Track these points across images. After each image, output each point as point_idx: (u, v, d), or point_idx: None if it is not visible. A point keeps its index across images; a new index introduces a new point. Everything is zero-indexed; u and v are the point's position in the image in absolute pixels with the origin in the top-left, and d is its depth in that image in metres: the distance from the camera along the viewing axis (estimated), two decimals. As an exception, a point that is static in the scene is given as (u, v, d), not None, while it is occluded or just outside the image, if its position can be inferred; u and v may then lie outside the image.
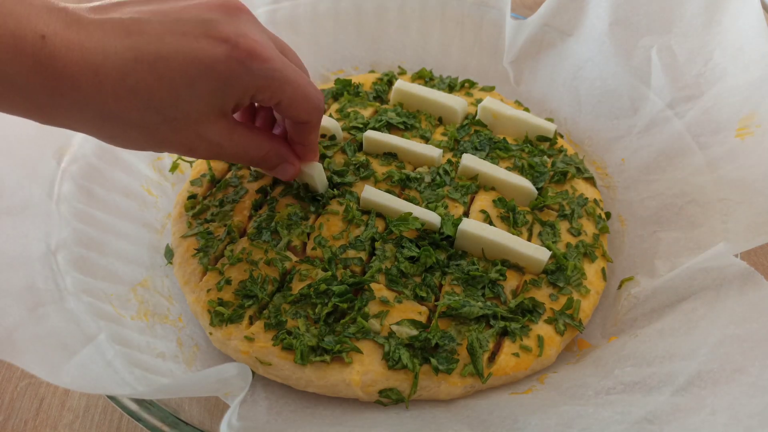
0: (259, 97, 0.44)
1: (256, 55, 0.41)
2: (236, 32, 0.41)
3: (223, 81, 0.41)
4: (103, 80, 0.37)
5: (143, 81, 0.38)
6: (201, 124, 0.42)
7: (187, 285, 0.52)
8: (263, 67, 0.42)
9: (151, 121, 0.40)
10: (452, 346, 0.47)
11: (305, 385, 0.47)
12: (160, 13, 0.39)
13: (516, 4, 0.97)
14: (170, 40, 0.38)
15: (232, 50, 0.40)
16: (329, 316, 0.48)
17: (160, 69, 0.38)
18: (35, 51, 0.35)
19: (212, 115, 0.43)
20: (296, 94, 0.45)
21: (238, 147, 0.46)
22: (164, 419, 0.41)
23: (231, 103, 0.43)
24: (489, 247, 0.53)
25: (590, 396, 0.44)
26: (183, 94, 0.40)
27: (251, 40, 0.41)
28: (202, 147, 0.44)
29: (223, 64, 0.40)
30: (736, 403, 0.38)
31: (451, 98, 0.66)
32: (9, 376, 0.53)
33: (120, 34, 0.37)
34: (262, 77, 0.42)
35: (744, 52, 0.56)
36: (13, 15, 0.34)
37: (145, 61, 0.38)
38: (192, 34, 0.39)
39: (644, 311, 0.51)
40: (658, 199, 0.59)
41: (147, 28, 0.38)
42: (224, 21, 0.41)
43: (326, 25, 0.77)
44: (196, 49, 0.39)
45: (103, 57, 0.36)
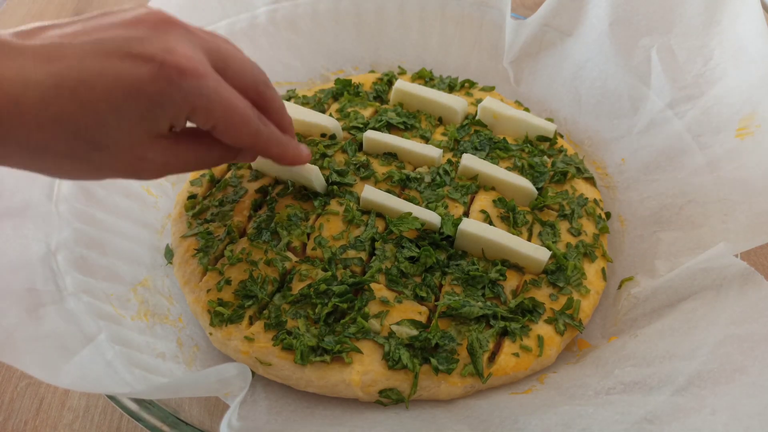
0: (193, 119, 0.41)
1: (186, 72, 0.38)
2: (163, 48, 0.37)
3: (152, 103, 0.37)
4: (24, 111, 0.34)
5: (66, 109, 0.35)
6: (137, 148, 0.39)
7: (187, 285, 0.52)
8: (194, 84, 0.38)
9: (80, 151, 0.37)
10: (452, 346, 0.47)
11: (305, 385, 0.47)
12: (82, 34, 0.37)
13: (516, 4, 0.97)
14: (91, 63, 0.36)
15: (159, 69, 0.37)
16: (329, 316, 0.48)
17: (83, 95, 0.35)
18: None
19: (147, 138, 0.39)
20: (232, 118, 0.41)
21: (188, 160, 0.43)
22: (164, 419, 0.41)
23: (165, 125, 0.39)
24: (489, 247, 0.53)
25: (590, 396, 0.44)
26: (109, 119, 0.37)
27: (180, 56, 0.38)
28: (145, 169, 0.41)
29: (149, 85, 0.37)
30: (737, 403, 0.38)
31: (451, 98, 0.66)
32: (9, 376, 0.53)
33: (41, 60, 0.35)
34: (195, 95, 0.38)
35: (744, 52, 0.56)
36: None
37: (66, 88, 0.35)
38: (115, 54, 0.36)
39: (644, 311, 0.51)
40: (658, 199, 0.59)
41: (68, 52, 0.36)
42: (150, 37, 0.38)
43: (326, 25, 0.77)
44: (119, 70, 0.36)
45: (23, 87, 0.34)
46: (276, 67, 0.75)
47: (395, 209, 0.54)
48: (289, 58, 0.76)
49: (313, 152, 0.61)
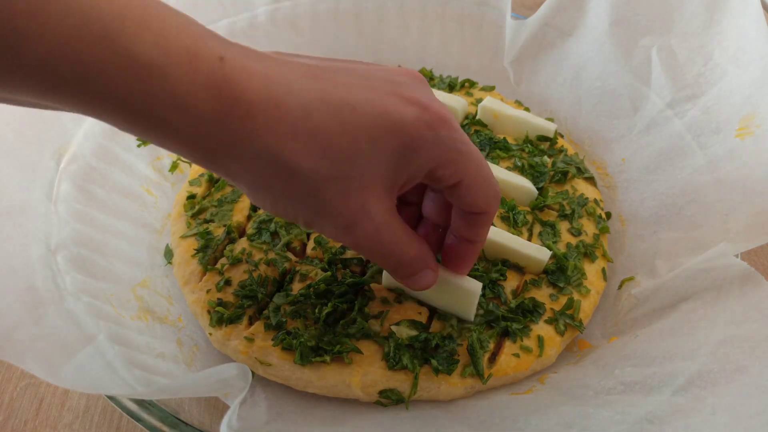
0: (438, 173, 0.38)
1: (447, 122, 0.37)
2: (426, 97, 0.37)
3: (408, 144, 0.36)
4: (283, 115, 0.32)
5: (325, 125, 0.33)
6: (368, 193, 0.36)
7: (186, 285, 0.52)
8: (452, 136, 0.37)
9: (321, 173, 0.34)
10: (452, 347, 0.47)
11: (305, 385, 0.47)
12: (347, 68, 0.37)
13: (516, 4, 0.96)
14: (358, 91, 0.35)
15: (422, 112, 0.36)
16: (329, 316, 0.48)
17: (346, 115, 0.34)
18: (211, 71, 0.31)
19: (382, 186, 0.37)
20: (479, 175, 0.39)
21: (392, 237, 0.39)
22: (164, 419, 0.41)
23: (405, 175, 0.37)
24: (489, 247, 0.53)
25: (590, 396, 0.44)
26: (364, 148, 0.35)
27: (441, 107, 0.37)
28: (361, 223, 0.37)
29: (411, 125, 0.35)
30: (737, 403, 0.38)
31: (451, 98, 0.66)
32: (9, 376, 0.53)
33: (306, 74, 0.34)
34: (449, 147, 0.37)
35: (744, 52, 0.56)
36: (189, 33, 0.31)
37: (330, 104, 0.33)
38: (381, 90, 0.36)
39: (645, 311, 0.51)
40: (658, 199, 0.59)
41: (334, 76, 0.35)
42: (414, 85, 0.38)
43: (326, 25, 0.77)
44: (385, 104, 0.35)
45: (286, 90, 0.33)
46: (276, 67, 0.75)
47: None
48: (289, 58, 0.76)
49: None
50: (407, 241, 0.40)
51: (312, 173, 0.34)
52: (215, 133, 0.32)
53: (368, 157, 0.35)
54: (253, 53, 0.34)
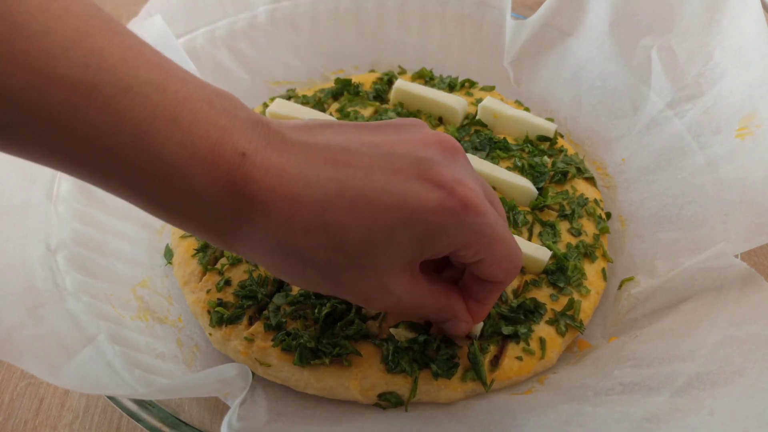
0: (460, 253, 0.38)
1: (472, 208, 0.35)
2: (453, 178, 0.35)
3: (429, 231, 0.35)
4: (297, 212, 0.32)
5: (340, 219, 0.33)
6: (388, 274, 0.36)
7: (186, 285, 0.52)
8: (477, 221, 0.35)
9: (336, 265, 0.35)
10: (453, 351, 0.47)
11: (304, 386, 0.47)
12: (371, 145, 0.35)
13: (516, 4, 0.96)
14: (379, 177, 0.34)
15: (446, 198, 0.34)
16: (328, 317, 0.48)
17: (362, 209, 0.33)
18: (231, 169, 0.31)
19: (401, 265, 0.37)
20: (502, 254, 0.39)
21: (414, 301, 0.39)
22: (164, 419, 0.41)
23: (426, 256, 0.37)
24: (489, 248, 0.53)
25: (590, 396, 0.44)
26: (380, 240, 0.34)
27: (468, 189, 0.35)
28: (380, 299, 0.38)
29: (433, 213, 0.34)
30: (735, 405, 0.38)
31: (451, 98, 0.66)
32: (9, 376, 0.53)
33: (325, 161, 0.33)
34: (474, 232, 0.36)
35: (744, 52, 0.56)
36: (216, 128, 0.31)
37: (346, 198, 0.33)
38: (404, 172, 0.34)
39: (644, 311, 0.51)
40: (658, 199, 0.59)
41: (355, 159, 0.34)
42: (441, 162, 0.36)
43: (326, 25, 0.77)
44: (406, 190, 0.34)
45: (303, 185, 0.32)
46: (276, 67, 0.75)
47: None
48: (289, 57, 0.76)
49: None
50: (433, 300, 0.41)
51: (326, 265, 0.35)
52: (232, 227, 0.33)
53: (384, 247, 0.35)
54: (278, 140, 0.33)
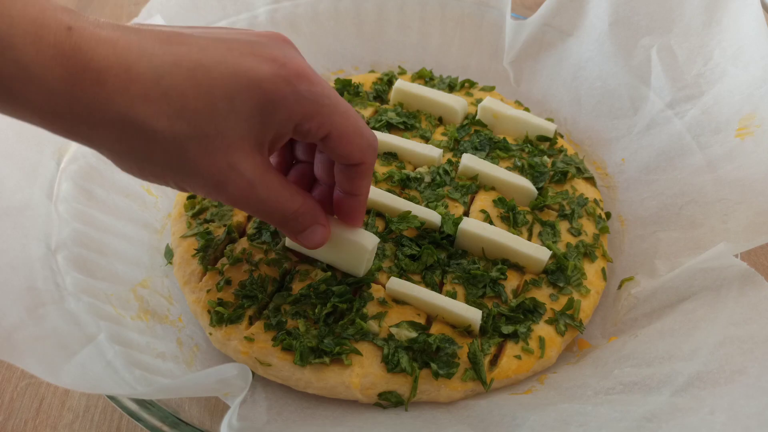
0: (305, 127, 0.38)
1: (305, 76, 0.37)
2: (284, 54, 0.37)
3: (267, 101, 0.36)
4: (134, 78, 0.33)
5: (179, 86, 0.34)
6: (235, 151, 0.37)
7: (186, 285, 0.52)
8: (312, 90, 0.37)
9: (180, 134, 0.35)
10: (453, 350, 0.47)
11: (305, 386, 0.47)
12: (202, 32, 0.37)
13: (516, 4, 0.97)
14: (213, 53, 0.35)
15: (279, 68, 0.36)
16: (329, 316, 0.48)
17: (199, 77, 0.34)
18: (58, 40, 0.31)
19: (248, 144, 0.37)
20: (348, 126, 0.39)
21: (270, 191, 0.39)
22: (164, 419, 0.41)
23: (272, 130, 0.38)
24: (489, 247, 0.53)
25: (589, 396, 0.44)
26: (221, 107, 0.35)
27: (300, 62, 0.37)
28: (231, 180, 0.37)
29: (268, 82, 0.36)
30: (735, 404, 0.38)
31: (451, 98, 0.66)
32: (9, 376, 0.53)
33: (159, 40, 0.34)
34: (311, 101, 0.37)
35: (744, 52, 0.56)
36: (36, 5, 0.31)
37: (184, 67, 0.34)
38: (238, 50, 0.36)
39: (644, 311, 0.51)
40: (658, 199, 0.59)
41: (190, 39, 0.35)
42: (272, 44, 0.38)
43: (326, 25, 0.77)
44: (241, 62, 0.35)
45: (138, 55, 0.33)
46: (276, 67, 0.75)
47: (395, 208, 0.54)
48: (289, 57, 0.76)
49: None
50: (288, 195, 0.41)
51: (169, 134, 0.34)
52: (67, 102, 0.32)
53: (227, 116, 0.35)
54: (107, 23, 0.33)
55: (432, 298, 0.48)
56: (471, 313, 0.48)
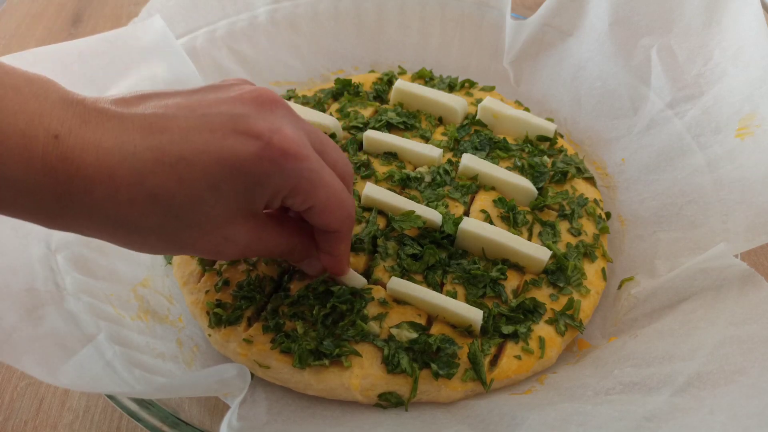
0: (290, 201, 0.40)
1: (291, 154, 0.37)
2: (270, 128, 0.37)
3: (253, 182, 0.37)
4: (118, 184, 0.33)
5: (163, 185, 0.34)
6: (228, 227, 0.38)
7: (185, 286, 0.52)
8: (297, 167, 0.37)
9: (171, 227, 0.36)
10: (453, 350, 0.47)
11: (304, 388, 0.47)
12: (186, 108, 0.36)
13: (516, 4, 0.97)
14: (195, 138, 0.35)
15: (263, 148, 0.36)
16: (327, 317, 0.48)
17: (182, 172, 0.34)
18: (46, 153, 0.32)
19: (240, 216, 0.39)
20: (330, 200, 0.40)
21: (267, 245, 0.42)
22: (164, 419, 0.41)
23: (261, 204, 0.39)
24: (489, 247, 0.53)
25: (589, 396, 0.44)
26: (207, 198, 0.36)
27: (285, 137, 0.37)
28: (228, 250, 0.40)
29: (252, 164, 0.36)
30: (735, 404, 0.38)
31: (451, 98, 0.66)
32: (9, 377, 0.53)
33: (141, 131, 0.34)
34: (296, 178, 0.38)
35: (744, 52, 0.56)
36: (25, 113, 0.31)
37: (166, 164, 0.34)
38: (220, 130, 0.36)
39: (644, 311, 0.51)
40: (658, 199, 0.59)
41: (171, 124, 0.35)
42: (257, 116, 0.37)
43: (326, 25, 0.77)
44: (223, 147, 0.35)
45: (120, 158, 0.33)
46: (276, 67, 0.75)
47: (397, 206, 0.54)
48: (289, 58, 0.76)
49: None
50: (284, 241, 0.43)
51: (161, 229, 0.36)
52: (59, 210, 0.34)
53: (215, 204, 0.36)
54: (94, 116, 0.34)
55: (433, 298, 0.48)
56: (472, 313, 0.48)
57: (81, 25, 0.97)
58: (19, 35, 0.94)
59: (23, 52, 0.53)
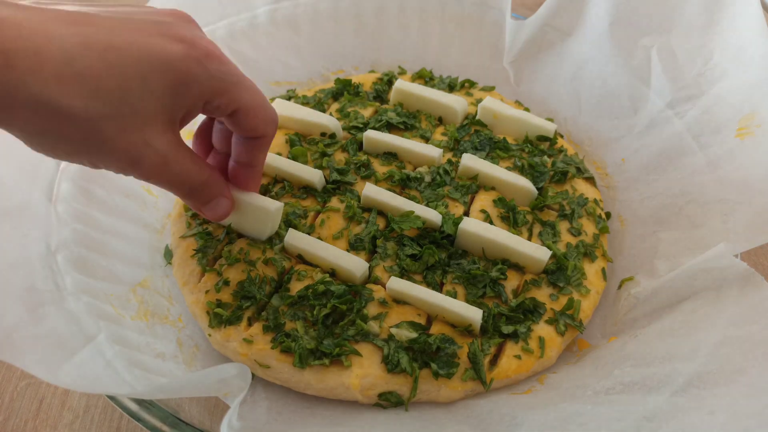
0: (214, 103, 0.40)
1: (215, 57, 0.39)
2: (192, 34, 0.39)
3: (180, 79, 0.38)
4: (44, 61, 0.32)
5: (92, 67, 0.34)
6: (149, 129, 0.38)
7: (186, 286, 0.52)
8: (222, 68, 0.39)
9: (95, 113, 0.35)
10: (453, 350, 0.47)
11: (304, 387, 0.47)
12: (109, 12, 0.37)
13: (516, 4, 0.96)
14: (123, 33, 0.35)
15: (189, 49, 0.38)
16: (327, 317, 0.48)
17: (111, 57, 0.34)
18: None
19: (161, 121, 0.39)
20: (254, 102, 0.42)
21: (181, 165, 0.41)
22: (164, 419, 0.41)
23: (183, 108, 0.39)
24: (489, 247, 0.53)
25: (589, 396, 0.44)
26: (135, 86, 0.36)
27: (208, 42, 0.40)
28: (146, 156, 0.39)
29: (180, 62, 0.37)
30: (735, 404, 0.38)
31: (451, 98, 0.66)
32: (9, 376, 0.53)
33: (66, 21, 0.34)
34: (220, 80, 0.40)
35: (744, 52, 0.56)
36: None
37: (94, 49, 0.34)
38: (146, 31, 0.37)
39: (644, 311, 0.51)
40: (658, 199, 0.59)
41: (96, 20, 0.35)
42: (178, 24, 0.39)
43: (326, 25, 0.77)
44: (151, 44, 0.36)
45: (45, 39, 0.32)
46: (276, 67, 0.75)
47: (397, 207, 0.54)
48: (289, 58, 0.76)
49: (313, 151, 0.61)
50: (197, 169, 0.43)
51: (85, 113, 0.35)
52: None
53: (141, 95, 0.36)
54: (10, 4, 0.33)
55: (432, 298, 0.48)
56: (472, 312, 0.48)
57: (81, 25, 0.96)
58: (19, 35, 0.93)
59: None
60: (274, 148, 0.61)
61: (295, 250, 0.52)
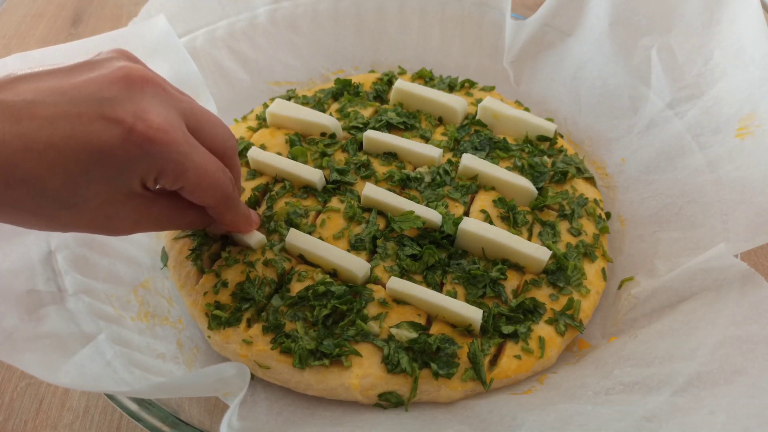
0: (161, 182, 0.41)
1: (156, 140, 0.38)
2: (134, 113, 0.37)
3: (121, 165, 0.38)
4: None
5: (33, 171, 0.35)
6: (108, 206, 0.39)
7: (183, 288, 0.52)
8: (162, 150, 0.38)
9: (47, 209, 0.37)
10: (453, 350, 0.47)
11: (305, 388, 0.47)
12: (57, 92, 0.37)
13: (516, 4, 0.97)
14: (63, 125, 0.36)
15: (129, 134, 0.37)
16: (327, 318, 0.48)
17: (51, 158, 0.35)
18: None
19: (120, 196, 0.39)
20: (201, 180, 0.41)
21: (161, 219, 0.44)
22: (164, 419, 0.41)
23: (136, 185, 0.40)
24: (489, 247, 0.53)
25: (589, 396, 0.44)
26: (80, 181, 0.37)
27: (150, 123, 0.38)
28: (115, 226, 0.41)
29: (119, 149, 0.37)
30: (735, 404, 0.38)
31: (451, 98, 0.66)
32: (9, 377, 0.53)
33: (10, 119, 0.35)
34: (162, 161, 0.39)
35: (744, 52, 0.56)
36: None
37: (35, 150, 0.35)
38: (87, 115, 0.36)
39: (644, 311, 0.51)
40: (658, 199, 0.59)
41: (39, 111, 0.35)
42: (123, 99, 0.38)
43: (326, 25, 0.77)
44: (89, 132, 0.36)
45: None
46: (276, 67, 0.75)
47: (397, 207, 0.54)
48: (289, 58, 0.76)
49: (313, 151, 0.61)
50: (178, 214, 0.45)
51: (38, 211, 0.37)
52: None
53: (88, 185, 0.37)
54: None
55: (432, 298, 0.48)
56: (471, 312, 0.48)
57: (81, 25, 0.97)
58: (19, 35, 0.94)
59: (31, 52, 0.53)
60: (274, 148, 0.61)
61: (296, 250, 0.52)
